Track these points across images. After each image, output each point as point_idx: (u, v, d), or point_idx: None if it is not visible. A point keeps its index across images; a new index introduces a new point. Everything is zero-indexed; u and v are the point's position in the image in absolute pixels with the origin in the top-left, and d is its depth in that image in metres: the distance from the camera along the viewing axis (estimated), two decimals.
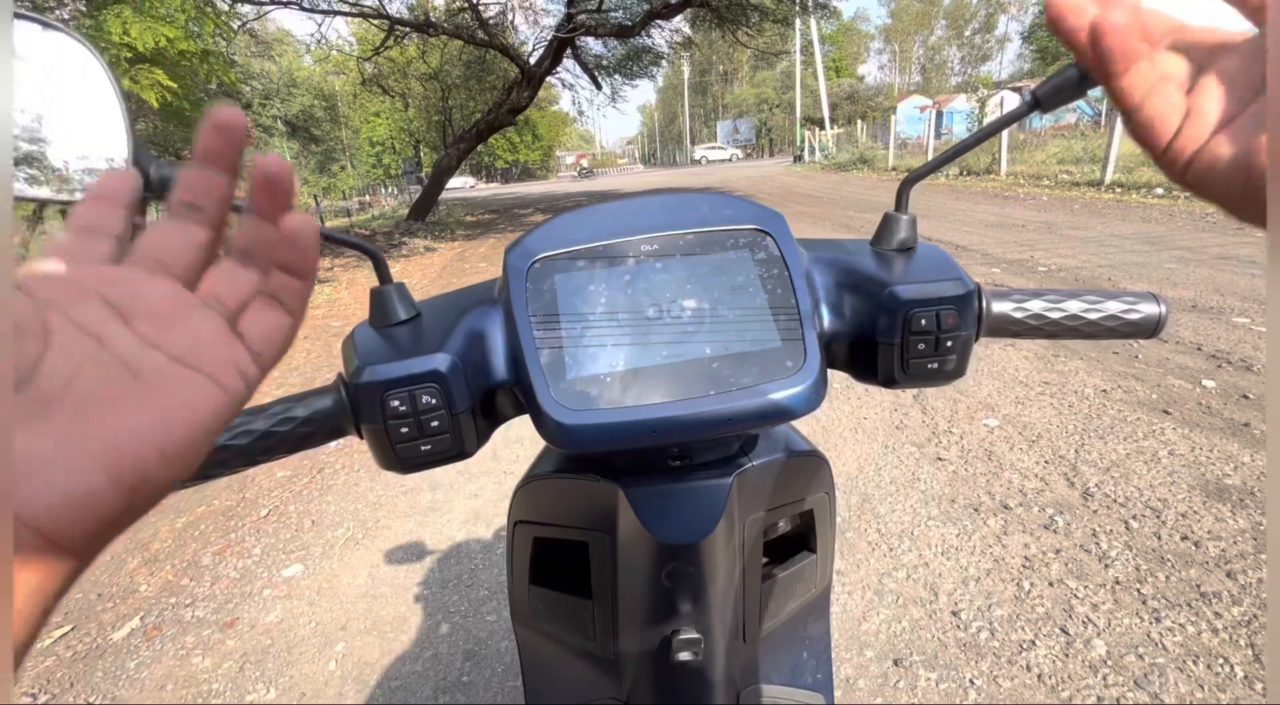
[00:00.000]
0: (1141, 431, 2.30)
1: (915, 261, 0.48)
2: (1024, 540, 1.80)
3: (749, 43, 16.30)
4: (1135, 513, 1.85)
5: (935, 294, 0.45)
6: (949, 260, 0.48)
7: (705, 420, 0.41)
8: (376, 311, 0.47)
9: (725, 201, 0.47)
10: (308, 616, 1.84)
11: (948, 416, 2.60)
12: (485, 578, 1.91)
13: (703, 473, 0.48)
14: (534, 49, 14.16)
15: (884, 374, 0.46)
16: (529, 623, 0.60)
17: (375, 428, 0.42)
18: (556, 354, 0.42)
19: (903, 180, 0.49)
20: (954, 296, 0.45)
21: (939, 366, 0.46)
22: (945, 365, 0.46)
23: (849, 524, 1.96)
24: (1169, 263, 4.54)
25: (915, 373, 0.46)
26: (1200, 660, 1.36)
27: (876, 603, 1.64)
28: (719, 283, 0.44)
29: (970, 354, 0.47)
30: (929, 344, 0.45)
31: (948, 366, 0.46)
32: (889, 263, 0.48)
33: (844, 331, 0.47)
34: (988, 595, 1.61)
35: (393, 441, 0.42)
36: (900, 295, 0.45)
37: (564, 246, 0.45)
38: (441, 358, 0.42)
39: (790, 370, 0.42)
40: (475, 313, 0.46)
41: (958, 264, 0.47)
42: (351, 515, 2.36)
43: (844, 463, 2.34)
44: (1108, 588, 1.59)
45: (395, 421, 0.42)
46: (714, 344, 0.42)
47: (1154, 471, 2.04)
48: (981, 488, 2.08)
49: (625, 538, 0.49)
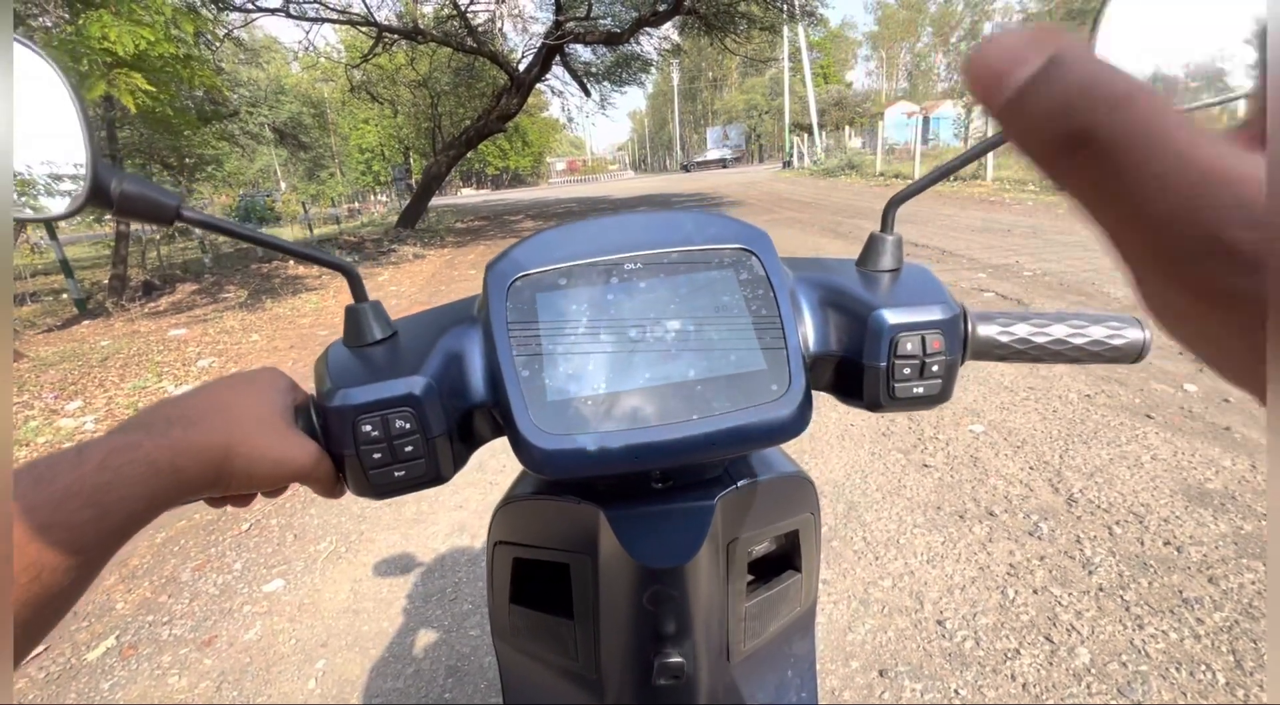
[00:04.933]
0: (1125, 436, 2.31)
1: (901, 283, 0.48)
2: (1009, 547, 1.80)
3: (737, 50, 16.42)
4: (1119, 518, 1.86)
5: (921, 318, 0.44)
6: (934, 282, 0.47)
7: (688, 445, 0.40)
8: (351, 330, 0.46)
9: (710, 220, 0.46)
10: (288, 633, 1.81)
11: (934, 423, 2.61)
12: (469, 592, 1.89)
13: (686, 495, 0.47)
14: (523, 56, 14.19)
15: (869, 398, 0.46)
16: (510, 641, 0.60)
17: (347, 453, 0.41)
18: (536, 375, 0.41)
19: (889, 201, 0.48)
20: (939, 320, 0.44)
21: (924, 391, 0.45)
22: (930, 389, 0.45)
23: (835, 533, 1.96)
24: None
25: (900, 396, 0.45)
26: (1183, 667, 1.36)
27: (862, 612, 1.63)
28: (703, 303, 0.43)
29: (956, 377, 0.46)
30: (914, 368, 0.44)
31: (933, 390, 0.45)
32: (874, 284, 0.47)
33: (829, 354, 0.47)
34: (973, 603, 1.61)
35: (365, 467, 0.41)
36: (886, 319, 0.44)
37: (546, 264, 0.44)
38: (416, 381, 0.41)
39: (775, 394, 0.41)
40: (453, 332, 0.45)
41: (944, 286, 0.47)
42: (334, 528, 2.32)
43: (830, 470, 2.33)
44: (1091, 595, 1.59)
45: (368, 447, 0.41)
46: (697, 366, 0.41)
47: (1137, 477, 2.06)
48: (967, 494, 2.08)
49: (606, 561, 0.48)
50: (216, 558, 2.24)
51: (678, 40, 16.52)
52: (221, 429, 0.37)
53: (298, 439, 0.41)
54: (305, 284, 8.32)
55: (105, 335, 6.26)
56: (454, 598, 1.87)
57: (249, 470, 0.38)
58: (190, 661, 1.74)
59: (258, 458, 0.38)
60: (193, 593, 2.05)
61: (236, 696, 1.59)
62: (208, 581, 2.10)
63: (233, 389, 0.41)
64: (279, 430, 0.40)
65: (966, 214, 8.45)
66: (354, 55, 15.62)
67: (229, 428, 0.38)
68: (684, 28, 14.95)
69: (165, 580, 2.13)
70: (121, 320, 6.97)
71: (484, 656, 1.65)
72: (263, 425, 0.39)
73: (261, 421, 0.39)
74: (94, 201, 0.36)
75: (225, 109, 12.15)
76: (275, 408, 0.41)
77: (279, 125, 23.49)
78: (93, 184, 0.36)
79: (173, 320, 6.61)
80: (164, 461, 0.34)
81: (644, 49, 15.96)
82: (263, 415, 0.40)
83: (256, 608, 1.94)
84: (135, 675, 1.70)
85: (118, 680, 1.69)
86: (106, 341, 5.86)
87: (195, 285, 8.47)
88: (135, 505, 0.32)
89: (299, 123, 27.54)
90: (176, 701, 1.59)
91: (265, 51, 21.82)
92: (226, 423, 0.38)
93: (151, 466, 0.33)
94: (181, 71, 5.82)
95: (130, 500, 0.32)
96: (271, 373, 0.44)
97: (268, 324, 5.98)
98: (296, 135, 24.77)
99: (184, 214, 0.39)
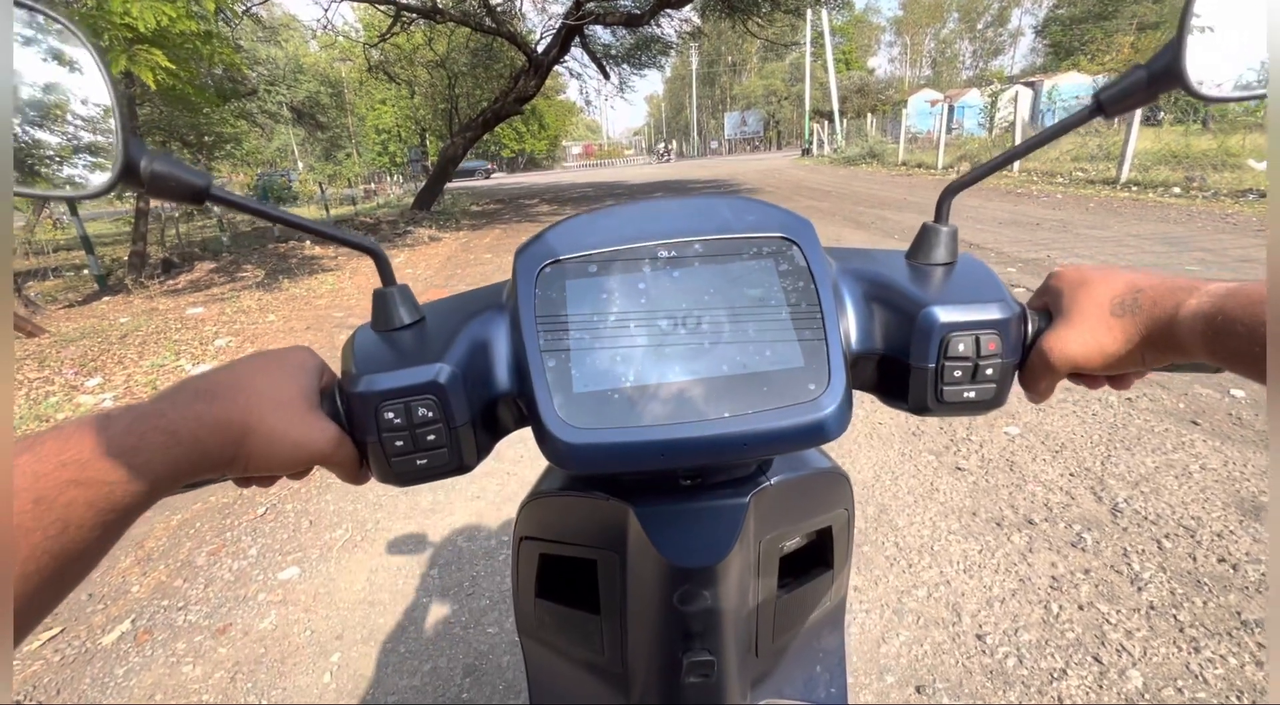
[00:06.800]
0: (1170, 443, 2.21)
1: (955, 278, 0.44)
2: (1050, 558, 1.72)
3: (759, 33, 16.08)
4: (1167, 531, 1.77)
5: (975, 317, 0.41)
6: (992, 278, 0.44)
7: (719, 445, 0.38)
8: (379, 314, 0.45)
9: (749, 206, 0.44)
10: (303, 624, 1.77)
11: (966, 424, 2.52)
12: (487, 586, 1.85)
13: (718, 492, 0.46)
14: (542, 37, 13.97)
15: (915, 401, 0.43)
16: (535, 635, 0.59)
17: (370, 439, 0.40)
18: (563, 365, 0.39)
19: (944, 189, 0.46)
20: (996, 320, 0.41)
21: (976, 395, 0.42)
22: (983, 394, 0.42)
23: (866, 537, 1.89)
24: (1190, 264, 4.43)
25: (950, 401, 0.42)
26: (1246, 696, 1.28)
27: (896, 623, 1.56)
28: (740, 295, 0.41)
29: (1011, 383, 0.43)
30: (966, 371, 0.41)
31: (986, 395, 0.42)
32: (925, 278, 0.44)
33: (872, 351, 0.44)
34: (1014, 617, 1.54)
35: (388, 455, 0.40)
36: (937, 317, 0.41)
37: (577, 250, 0.42)
38: (440, 368, 0.40)
39: (813, 393, 0.38)
40: (480, 319, 0.44)
41: (1001, 282, 0.43)
42: (350, 516, 2.29)
43: (859, 470, 2.26)
44: (1142, 613, 1.51)
45: (390, 434, 0.40)
46: (731, 361, 0.39)
47: (1185, 487, 1.96)
48: (1004, 500, 2.00)
49: (635, 558, 0.47)
50: (232, 542, 2.21)
51: (698, 23, 16.20)
52: (241, 406, 0.37)
53: (319, 422, 0.40)
54: (322, 264, 8.31)
55: (125, 312, 6.29)
56: (471, 592, 1.83)
57: (268, 450, 0.38)
58: (205, 650, 1.71)
59: (277, 438, 0.38)
60: (208, 578, 2.02)
61: (251, 689, 1.56)
62: (223, 566, 2.08)
63: (260, 368, 0.40)
64: (300, 412, 0.39)
65: (992, 205, 8.23)
66: (371, 34, 15.50)
67: (249, 406, 0.37)
68: (705, 10, 14.64)
69: (181, 564, 2.11)
70: (141, 297, 7.01)
71: (502, 656, 1.60)
72: (284, 406, 0.39)
73: (283, 402, 0.39)
74: (125, 180, 0.36)
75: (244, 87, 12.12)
76: (300, 389, 0.40)
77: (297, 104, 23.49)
78: (124, 163, 0.35)
79: (191, 298, 6.63)
80: (185, 433, 0.34)
81: (664, 31, 15.68)
82: (286, 396, 0.39)
83: (271, 596, 1.91)
84: (150, 662, 1.68)
85: (132, 666, 1.67)
86: (126, 318, 5.89)
87: (213, 264, 8.50)
88: (159, 471, 0.33)
89: (316, 102, 27.51)
90: (178, 701, 1.57)
91: (284, 29, 21.73)
92: (247, 401, 0.37)
93: (173, 436, 0.33)
94: (202, 48, 5.76)
95: (154, 466, 0.32)
96: (302, 352, 0.43)
97: (284, 304, 5.97)
98: (314, 115, 24.76)
99: (213, 193, 0.38)
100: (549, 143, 52.30)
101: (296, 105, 24.49)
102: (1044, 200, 8.47)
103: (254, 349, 4.65)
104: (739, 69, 63.04)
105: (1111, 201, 7.88)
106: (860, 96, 42.29)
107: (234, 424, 0.36)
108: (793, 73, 49.59)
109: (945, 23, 62.06)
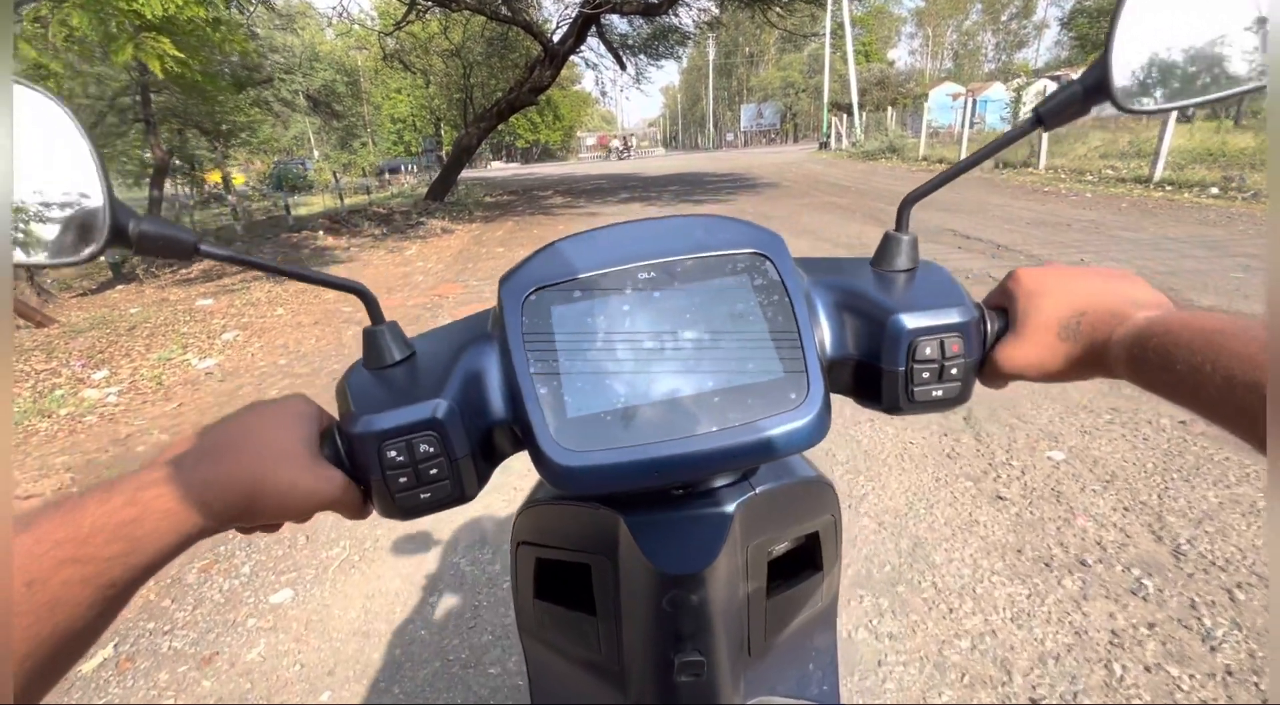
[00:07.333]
0: (1233, 475, 2.03)
1: (917, 285, 0.47)
2: (1109, 608, 1.56)
3: (779, 23, 15.76)
4: (1239, 579, 1.60)
5: (939, 321, 0.43)
6: (951, 283, 0.46)
7: (708, 459, 0.40)
8: (370, 352, 0.46)
9: (722, 225, 0.46)
10: (293, 656, 1.66)
11: (1005, 445, 2.35)
12: (489, 619, 1.72)
13: (705, 501, 0.48)
14: (558, 26, 13.77)
15: (888, 401, 0.45)
16: (535, 635, 0.60)
17: (374, 478, 0.42)
18: (555, 391, 0.41)
19: (903, 199, 0.47)
20: (958, 323, 0.44)
21: (943, 394, 0.45)
22: (950, 392, 0.45)
23: (900, 575, 1.73)
24: (1235, 271, 4.20)
25: (920, 400, 0.45)
26: None
27: (939, 680, 1.41)
28: (718, 311, 0.43)
29: (974, 380, 0.46)
30: (933, 372, 0.44)
31: (952, 393, 0.45)
32: (891, 285, 0.47)
33: (846, 358, 0.46)
34: (1072, 679, 1.38)
35: (391, 491, 0.42)
36: (905, 323, 0.43)
37: (560, 277, 0.44)
38: (438, 404, 0.41)
39: (794, 402, 0.40)
40: (471, 351, 0.45)
41: (961, 287, 0.46)
42: (348, 532, 2.17)
43: (890, 497, 2.10)
44: (1218, 679, 1.35)
45: (394, 472, 0.41)
46: (715, 376, 0.41)
47: (1255, 527, 1.78)
48: (1051, 536, 1.84)
49: (626, 564, 0.48)
50: (225, 558, 2.10)
51: (717, 12, 15.90)
52: (248, 464, 0.37)
53: (324, 470, 0.41)
54: (334, 257, 8.24)
55: (136, 301, 6.24)
56: (473, 626, 1.70)
57: (278, 503, 0.38)
58: (188, 681, 1.60)
59: (285, 490, 0.38)
60: (197, 598, 1.92)
61: None
62: (213, 586, 1.97)
63: (261, 421, 0.41)
64: (305, 462, 0.40)
65: (1018, 204, 7.97)
66: (387, 23, 15.35)
67: (256, 462, 0.38)
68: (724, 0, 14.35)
69: (170, 581, 2.00)
70: (153, 287, 6.98)
71: (504, 699, 1.48)
72: (290, 458, 0.39)
73: (288, 454, 0.39)
74: (114, 243, 0.37)
75: (259, 75, 12.06)
76: (301, 438, 0.41)
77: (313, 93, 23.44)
78: (112, 228, 0.37)
79: (202, 289, 6.57)
80: (192, 497, 0.34)
81: (682, 21, 15.42)
82: (289, 447, 0.40)
83: (262, 622, 1.79)
84: (129, 694, 1.57)
85: (111, 699, 1.56)
86: (136, 308, 5.84)
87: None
88: (164, 539, 0.33)
89: (332, 91, 27.45)
90: (177, 702, 1.46)
91: (300, 17, 21.67)
92: (253, 458, 0.38)
93: (179, 502, 0.34)
94: (212, 35, 5.66)
95: (159, 534, 0.32)
96: (299, 401, 0.44)
97: (293, 298, 5.88)
98: (330, 103, 24.71)
99: (202, 249, 0.39)
100: (564, 133, 51.99)
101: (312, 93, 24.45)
102: (1073, 199, 8.18)
103: (261, 344, 4.57)
104: (756, 61, 62.22)
105: (1145, 201, 7.59)
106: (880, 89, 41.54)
107: (242, 481, 0.37)
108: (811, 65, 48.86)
109: (968, 14, 60.79)
